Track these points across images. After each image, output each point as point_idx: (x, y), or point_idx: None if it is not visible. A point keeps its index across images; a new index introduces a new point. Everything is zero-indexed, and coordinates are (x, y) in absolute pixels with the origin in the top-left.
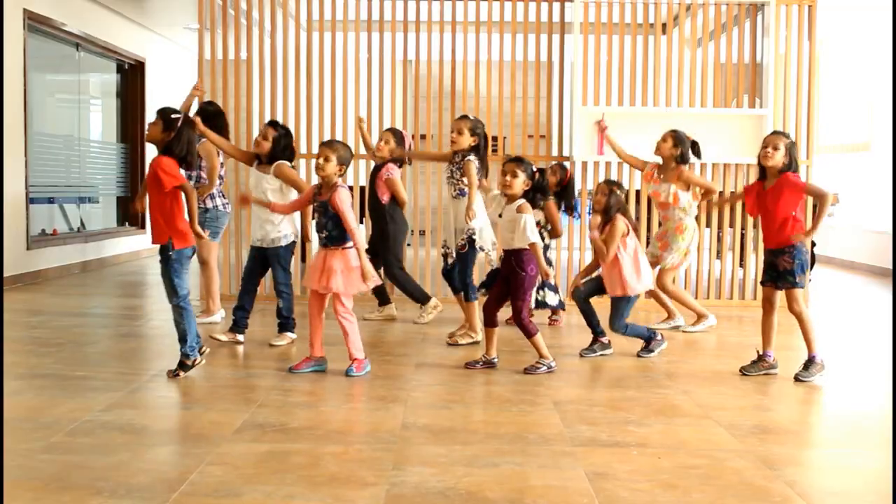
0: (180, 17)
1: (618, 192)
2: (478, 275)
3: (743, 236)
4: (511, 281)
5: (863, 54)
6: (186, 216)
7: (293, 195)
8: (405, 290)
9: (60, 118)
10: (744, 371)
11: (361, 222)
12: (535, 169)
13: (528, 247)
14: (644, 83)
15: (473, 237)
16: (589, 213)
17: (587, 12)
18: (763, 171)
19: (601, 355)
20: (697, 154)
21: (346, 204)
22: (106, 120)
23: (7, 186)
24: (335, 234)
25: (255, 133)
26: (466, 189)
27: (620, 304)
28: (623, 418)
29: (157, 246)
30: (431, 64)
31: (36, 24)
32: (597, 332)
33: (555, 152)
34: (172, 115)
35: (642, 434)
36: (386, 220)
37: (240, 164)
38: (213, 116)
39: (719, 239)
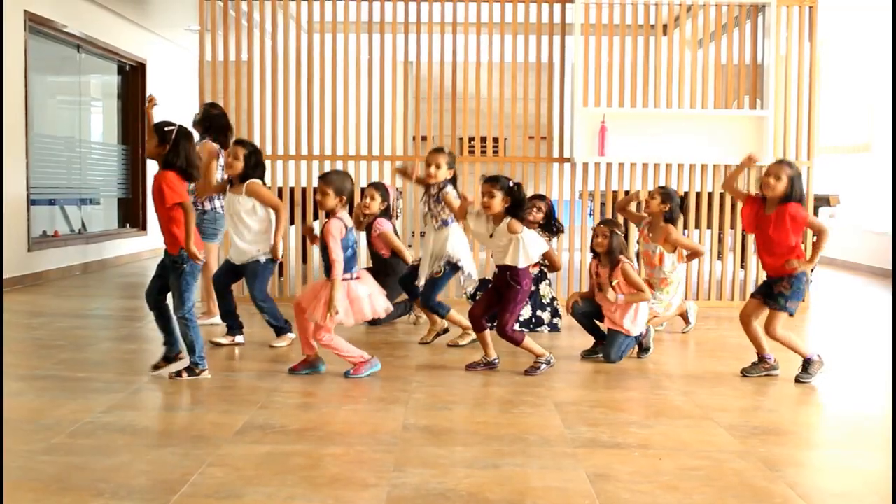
0: (181, 19)
1: (618, 232)
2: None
3: (744, 237)
4: (503, 293)
5: (863, 55)
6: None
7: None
8: (395, 318)
9: (61, 120)
10: (745, 373)
11: None
12: (511, 183)
13: (525, 266)
14: (645, 84)
15: (458, 264)
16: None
17: (588, 13)
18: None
19: (601, 356)
20: (682, 211)
21: (333, 235)
22: (107, 121)
23: (8, 188)
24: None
25: (256, 135)
26: (449, 219)
27: (619, 338)
28: (624, 419)
29: (156, 248)
30: (432, 65)
31: (37, 25)
32: (598, 337)
33: (556, 153)
34: (166, 129)
35: (643, 435)
36: (386, 273)
37: None
38: (217, 117)
39: (720, 240)
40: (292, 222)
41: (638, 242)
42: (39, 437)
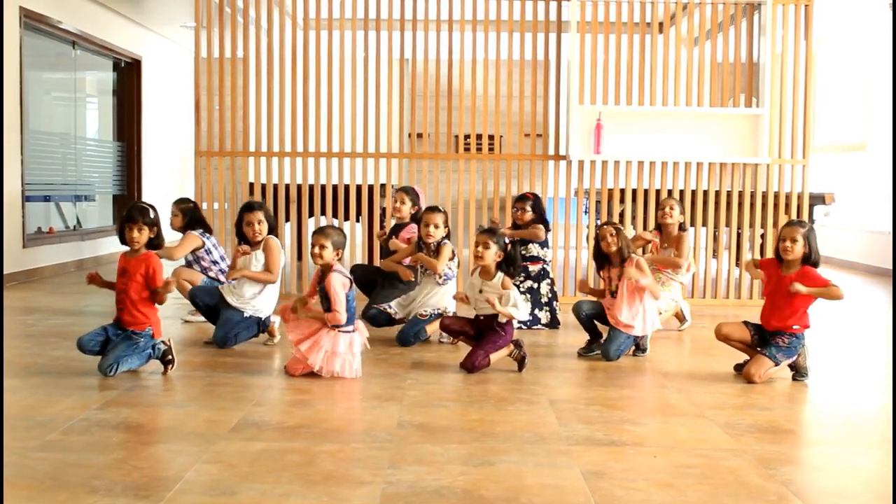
0: (177, 16)
1: (622, 229)
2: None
3: (739, 235)
4: (486, 332)
5: (860, 54)
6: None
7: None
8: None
9: (57, 116)
10: (738, 369)
11: (358, 220)
12: (507, 241)
13: (513, 318)
14: (641, 82)
15: (441, 314)
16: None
17: (584, 11)
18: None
19: (598, 354)
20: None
21: (338, 287)
22: (102, 118)
23: (3, 185)
24: None
25: (252, 132)
26: (450, 274)
27: (620, 336)
28: (619, 417)
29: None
30: (428, 62)
31: (32, 21)
32: (595, 336)
33: (551, 151)
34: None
35: (638, 433)
36: (400, 279)
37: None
38: (194, 210)
39: (715, 238)
40: (287, 219)
41: (634, 209)
42: (34, 434)
